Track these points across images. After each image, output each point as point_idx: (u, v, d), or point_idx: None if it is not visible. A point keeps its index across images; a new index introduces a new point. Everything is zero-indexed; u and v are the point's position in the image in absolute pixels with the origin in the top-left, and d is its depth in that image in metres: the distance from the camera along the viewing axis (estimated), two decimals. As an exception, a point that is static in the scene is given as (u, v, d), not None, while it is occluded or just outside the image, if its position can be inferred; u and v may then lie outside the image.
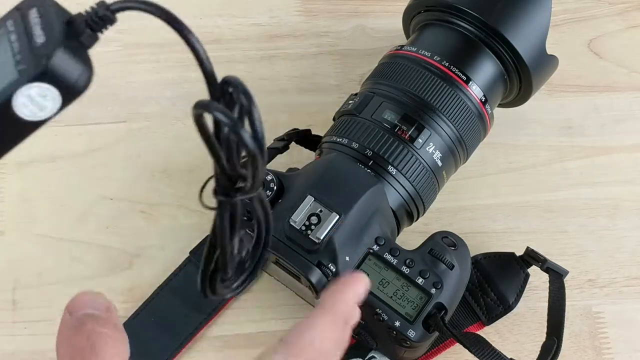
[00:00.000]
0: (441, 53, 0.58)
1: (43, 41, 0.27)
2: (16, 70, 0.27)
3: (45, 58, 0.26)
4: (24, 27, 0.27)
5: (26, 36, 0.27)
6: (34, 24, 0.27)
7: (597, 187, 0.66)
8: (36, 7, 0.28)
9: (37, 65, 0.26)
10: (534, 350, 0.55)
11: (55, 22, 0.27)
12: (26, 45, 0.27)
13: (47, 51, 0.26)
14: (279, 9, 0.72)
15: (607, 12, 0.74)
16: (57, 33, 0.27)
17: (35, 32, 0.27)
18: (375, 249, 0.52)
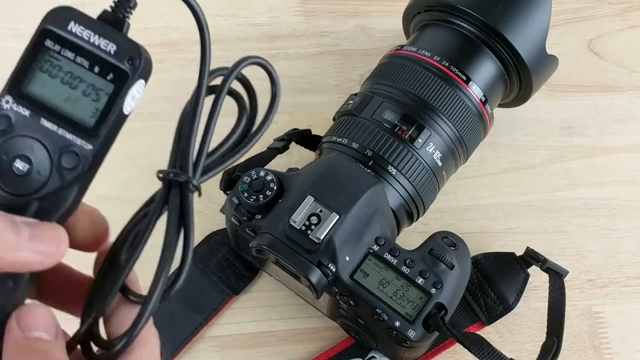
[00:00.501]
0: (441, 53, 0.58)
1: (116, 48, 0.31)
2: (106, 80, 0.31)
3: (136, 60, 0.31)
4: (78, 42, 0.31)
5: (92, 48, 0.31)
6: (89, 36, 0.31)
7: (597, 187, 0.66)
8: (73, 20, 0.31)
9: (133, 69, 0.31)
10: (534, 350, 0.55)
11: (102, 26, 0.31)
12: (100, 56, 0.31)
13: (131, 53, 0.31)
14: (279, 9, 0.72)
15: (607, 12, 0.74)
16: (119, 35, 0.31)
17: (99, 43, 0.31)
18: (375, 249, 0.52)
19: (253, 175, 0.52)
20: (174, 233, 0.32)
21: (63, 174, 0.32)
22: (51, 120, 0.31)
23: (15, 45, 0.71)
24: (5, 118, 0.31)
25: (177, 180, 0.32)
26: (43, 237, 0.31)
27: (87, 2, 0.71)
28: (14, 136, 0.31)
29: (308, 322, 0.60)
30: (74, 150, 0.31)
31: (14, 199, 0.31)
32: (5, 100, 0.31)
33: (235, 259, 0.61)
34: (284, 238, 0.50)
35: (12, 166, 0.31)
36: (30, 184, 0.32)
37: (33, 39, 0.31)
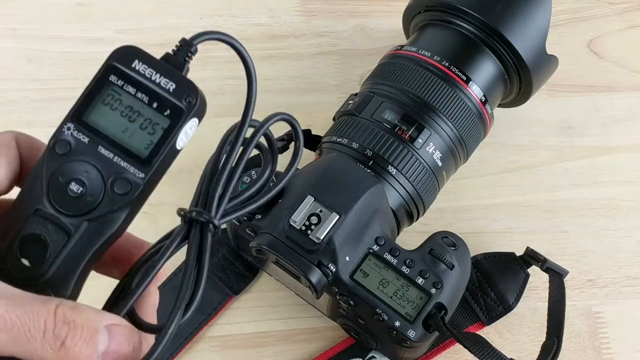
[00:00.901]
0: (441, 53, 0.58)
1: (175, 87, 0.33)
2: (162, 115, 0.33)
3: (193, 99, 0.33)
4: (140, 79, 0.33)
5: (153, 85, 0.33)
6: (151, 75, 0.34)
7: (597, 187, 0.66)
8: (137, 59, 0.34)
9: (189, 107, 0.33)
10: (534, 350, 0.55)
11: (164, 66, 0.34)
12: (160, 93, 0.33)
13: (189, 92, 0.33)
14: (279, 9, 0.72)
15: (607, 12, 0.74)
16: (179, 75, 0.34)
17: (159, 81, 0.33)
18: (375, 249, 0.52)
19: (253, 175, 0.52)
20: (191, 271, 0.33)
21: (115, 198, 0.34)
22: (108, 148, 0.33)
23: (16, 45, 0.72)
24: (65, 143, 0.34)
25: (199, 220, 0.34)
26: (120, 348, 0.32)
27: (85, 3, 0.71)
28: (72, 160, 0.33)
29: (308, 322, 0.60)
30: (126, 177, 0.33)
31: (66, 219, 0.33)
32: (67, 127, 0.33)
33: (235, 259, 0.61)
34: (284, 238, 0.50)
35: (68, 188, 0.33)
36: (82, 205, 0.33)
37: (99, 73, 0.34)
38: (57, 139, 0.34)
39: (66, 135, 0.33)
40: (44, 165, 0.33)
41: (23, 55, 0.69)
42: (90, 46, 0.70)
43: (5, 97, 0.67)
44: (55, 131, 0.34)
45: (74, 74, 0.69)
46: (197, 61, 0.35)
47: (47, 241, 0.33)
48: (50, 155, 0.33)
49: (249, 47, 0.71)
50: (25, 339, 0.30)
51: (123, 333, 0.32)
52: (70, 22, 0.71)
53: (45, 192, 0.33)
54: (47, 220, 0.33)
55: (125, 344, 0.32)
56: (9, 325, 0.29)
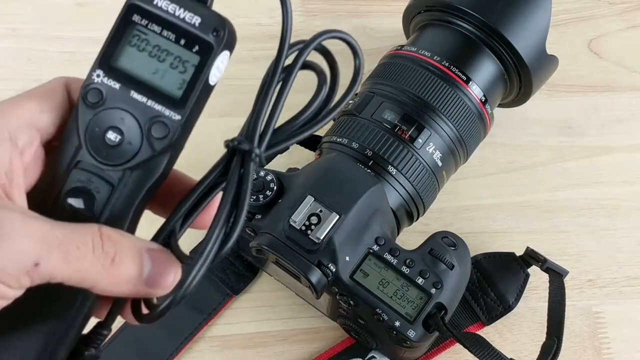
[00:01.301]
0: (441, 53, 0.58)
1: (200, 21, 0.32)
2: (191, 52, 0.32)
3: (221, 31, 0.32)
4: (164, 16, 0.32)
5: (178, 21, 0.32)
6: (174, 10, 0.32)
7: (597, 187, 0.66)
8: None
9: (218, 40, 0.32)
10: (534, 350, 0.55)
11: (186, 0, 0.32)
12: (185, 29, 0.32)
13: (216, 25, 0.32)
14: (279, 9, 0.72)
15: (607, 12, 0.74)
16: (203, 8, 0.32)
17: (184, 16, 0.32)
18: (375, 249, 0.52)
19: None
20: (228, 199, 0.32)
21: (153, 143, 0.32)
22: (140, 92, 0.32)
23: (16, 45, 0.72)
24: (96, 91, 0.32)
25: (240, 149, 0.32)
26: (162, 272, 0.32)
27: (85, 3, 0.71)
28: (106, 109, 0.32)
29: (308, 322, 0.60)
30: (163, 120, 0.32)
31: (107, 169, 0.32)
32: (96, 74, 0.32)
33: (235, 259, 0.61)
34: (284, 238, 0.50)
35: (105, 137, 0.32)
36: (122, 154, 0.32)
37: (121, 14, 0.32)
38: (87, 88, 0.33)
39: (96, 83, 0.32)
40: (78, 116, 0.32)
41: (23, 55, 0.69)
42: (90, 46, 0.69)
43: (5, 97, 0.67)
44: (85, 80, 0.33)
45: (74, 74, 0.68)
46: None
47: (93, 193, 0.33)
48: (83, 105, 0.32)
49: (248, 47, 0.72)
50: (75, 257, 0.30)
51: (163, 259, 0.32)
52: (70, 22, 0.71)
53: (84, 144, 0.32)
54: (89, 172, 0.33)
55: (167, 269, 0.32)
56: (57, 243, 0.29)
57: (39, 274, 0.29)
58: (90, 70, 0.33)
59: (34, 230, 0.29)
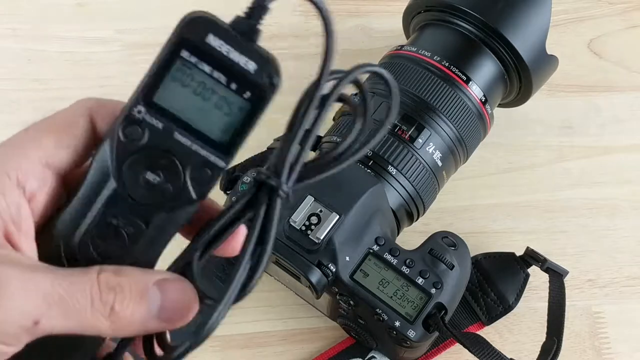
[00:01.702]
0: (441, 53, 0.58)
1: (255, 67, 0.30)
2: (242, 98, 0.30)
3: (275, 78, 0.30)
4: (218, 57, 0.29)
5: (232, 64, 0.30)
6: (228, 52, 0.30)
7: (597, 187, 0.66)
8: (212, 33, 0.30)
9: (272, 90, 0.30)
10: (534, 350, 0.55)
11: (241, 40, 0.30)
12: (239, 74, 0.30)
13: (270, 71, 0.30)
14: (279, 9, 0.71)
15: (607, 12, 0.74)
16: (258, 51, 0.30)
17: (238, 60, 0.30)
18: (375, 249, 0.52)
19: (253, 175, 0.52)
20: (254, 236, 0.31)
21: (194, 188, 0.31)
22: (185, 134, 0.30)
23: (16, 45, 0.72)
24: (138, 129, 0.30)
25: (268, 184, 0.30)
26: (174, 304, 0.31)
27: (85, 3, 0.71)
28: (147, 148, 0.30)
29: (308, 322, 0.60)
30: (206, 166, 0.31)
31: (142, 209, 0.31)
32: (137, 110, 0.30)
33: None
34: (284, 238, 0.50)
35: (143, 178, 0.31)
36: (160, 195, 0.31)
37: (169, 47, 0.30)
38: (127, 124, 0.30)
39: (138, 120, 0.30)
40: (114, 152, 0.30)
41: (23, 55, 0.69)
42: (90, 46, 0.70)
43: (5, 97, 0.67)
44: (125, 114, 0.30)
45: (74, 74, 0.69)
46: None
47: (124, 234, 0.31)
48: (120, 141, 0.30)
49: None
50: (75, 311, 0.29)
51: (175, 287, 0.31)
52: (70, 22, 0.71)
53: (119, 182, 0.30)
54: (121, 211, 0.31)
55: (181, 297, 0.31)
56: (57, 299, 0.28)
57: (40, 331, 0.29)
58: (130, 102, 0.30)
59: (34, 287, 0.28)
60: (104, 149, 0.30)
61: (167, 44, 0.30)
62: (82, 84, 0.68)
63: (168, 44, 0.30)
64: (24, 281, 0.28)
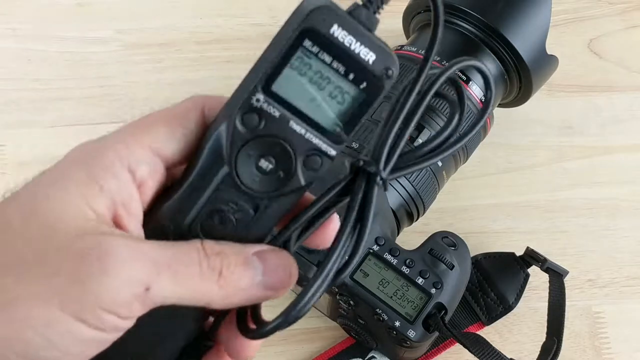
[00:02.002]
0: (441, 53, 0.58)
1: (375, 58, 0.30)
2: (358, 88, 0.30)
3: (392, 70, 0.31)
4: (340, 48, 0.30)
5: (353, 55, 0.30)
6: (351, 43, 0.30)
7: (597, 187, 0.66)
8: (336, 23, 0.29)
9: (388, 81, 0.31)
10: (534, 350, 0.55)
11: (362, 32, 0.30)
12: (359, 64, 0.30)
13: (388, 64, 0.31)
14: (279, 9, 0.72)
15: (607, 12, 0.74)
16: (377, 43, 0.30)
17: (359, 51, 0.30)
18: (375, 249, 0.52)
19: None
20: (349, 227, 0.30)
21: (304, 175, 0.31)
22: (300, 123, 0.30)
23: (16, 45, 0.72)
24: (256, 117, 0.30)
25: (365, 170, 0.31)
26: (276, 271, 0.31)
27: (85, 3, 0.71)
28: (263, 135, 0.30)
29: (308, 322, 0.60)
30: (318, 154, 0.31)
31: (254, 195, 0.31)
32: (256, 99, 0.30)
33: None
34: (284, 238, 0.50)
35: (257, 164, 0.31)
36: (271, 182, 0.31)
37: (292, 37, 0.30)
38: (245, 110, 0.30)
39: (256, 108, 0.30)
40: (229, 139, 0.30)
41: (23, 55, 0.69)
42: (90, 46, 0.70)
43: (5, 97, 0.67)
44: (241, 101, 0.30)
45: (74, 74, 0.69)
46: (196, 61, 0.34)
47: (233, 219, 0.31)
48: (236, 129, 0.30)
49: (248, 47, 0.72)
50: (184, 276, 0.29)
51: (275, 256, 0.31)
52: (70, 22, 0.71)
53: (232, 168, 0.31)
54: (232, 196, 0.31)
55: (281, 267, 0.31)
56: (166, 266, 0.29)
57: (151, 299, 0.28)
58: (248, 89, 0.30)
59: (141, 255, 0.28)
60: (218, 135, 0.30)
61: (288, 32, 0.30)
62: (82, 84, 0.68)
63: (289, 32, 0.30)
64: (133, 250, 0.28)
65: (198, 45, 0.69)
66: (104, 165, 0.30)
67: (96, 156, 0.30)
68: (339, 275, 0.31)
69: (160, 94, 0.67)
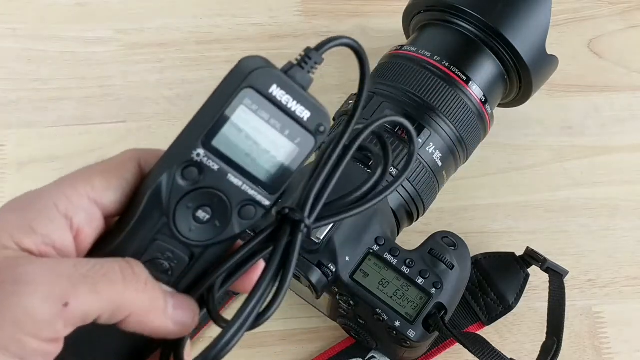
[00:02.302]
0: (441, 53, 0.58)
1: (310, 115, 0.32)
2: (292, 143, 0.32)
3: (324, 126, 0.32)
4: (277, 106, 0.31)
5: (289, 113, 0.31)
6: (287, 102, 0.31)
7: (597, 187, 0.66)
8: (275, 84, 0.31)
9: (320, 137, 0.32)
10: (534, 350, 0.55)
11: (299, 91, 0.32)
12: (294, 122, 0.32)
13: (321, 120, 0.32)
14: (279, 9, 0.72)
15: (607, 12, 0.74)
16: (311, 101, 0.32)
17: (295, 109, 0.32)
18: (375, 249, 0.52)
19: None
20: (273, 268, 0.32)
21: (239, 224, 0.33)
22: (237, 176, 0.32)
23: (16, 45, 0.72)
24: (195, 170, 0.32)
25: (291, 218, 0.33)
26: (183, 307, 0.32)
27: (85, 3, 0.71)
28: (201, 187, 0.32)
29: (308, 322, 0.60)
30: (253, 205, 0.33)
31: (190, 244, 0.33)
32: (196, 153, 0.31)
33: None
34: (284, 238, 0.50)
35: (194, 215, 0.32)
36: (207, 232, 0.33)
37: (231, 93, 0.31)
38: (185, 164, 0.32)
39: (196, 162, 0.32)
40: (169, 190, 0.32)
41: (23, 55, 0.69)
42: (90, 46, 0.70)
43: (5, 97, 0.67)
44: (182, 154, 0.32)
45: (74, 74, 0.69)
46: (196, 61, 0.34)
47: (168, 267, 0.33)
48: (176, 181, 0.32)
49: (248, 47, 0.72)
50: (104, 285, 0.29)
51: (183, 297, 0.33)
52: (70, 22, 0.71)
53: (171, 219, 0.32)
54: (170, 246, 0.33)
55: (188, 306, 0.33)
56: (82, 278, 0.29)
57: (73, 314, 0.28)
58: (188, 142, 0.32)
59: (57, 272, 0.29)
60: (158, 186, 0.32)
61: (229, 90, 0.31)
62: (82, 84, 0.68)
63: (230, 90, 0.31)
64: (48, 268, 0.29)
65: (198, 45, 0.69)
66: (39, 209, 0.30)
67: (32, 202, 0.31)
68: (259, 319, 0.32)
69: (161, 94, 0.67)
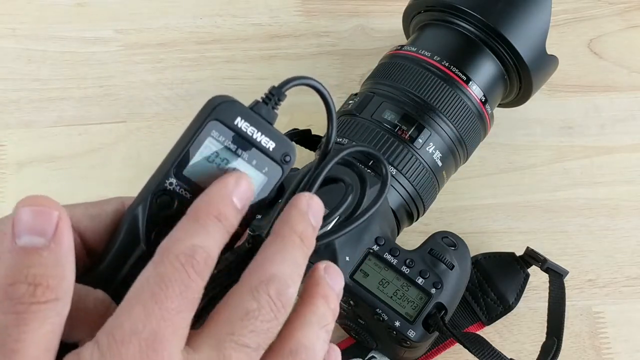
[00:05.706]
0: (441, 53, 0.58)
1: (274, 146, 0.34)
2: (260, 172, 0.34)
3: (289, 157, 0.35)
4: (243, 137, 0.33)
5: (255, 144, 0.34)
6: (252, 133, 0.33)
7: (597, 187, 0.66)
8: (240, 116, 0.33)
9: (286, 166, 0.35)
10: (534, 350, 0.55)
11: (263, 124, 0.34)
12: (260, 152, 0.34)
13: (286, 151, 0.34)
14: (279, 9, 0.72)
15: (607, 12, 0.74)
16: (276, 133, 0.34)
17: (260, 140, 0.34)
18: (375, 249, 0.52)
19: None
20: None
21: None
22: None
23: (16, 45, 0.72)
24: (168, 199, 0.33)
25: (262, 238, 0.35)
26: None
27: (85, 3, 0.71)
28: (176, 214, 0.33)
29: (308, 322, 0.60)
30: None
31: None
32: (169, 182, 0.33)
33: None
34: (283, 238, 0.50)
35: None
36: None
37: (201, 129, 0.33)
38: (159, 193, 0.33)
39: (169, 191, 0.33)
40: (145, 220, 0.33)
41: (23, 55, 0.69)
42: (90, 46, 0.70)
43: (5, 97, 0.67)
44: (156, 185, 0.33)
45: (74, 74, 0.69)
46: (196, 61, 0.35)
47: None
48: (152, 210, 0.33)
49: (249, 47, 0.72)
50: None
51: None
52: (70, 22, 0.71)
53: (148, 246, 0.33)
54: None
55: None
56: None
57: None
58: (162, 173, 0.33)
59: None
60: (134, 216, 0.33)
61: (198, 124, 0.33)
62: (82, 84, 0.68)
63: (199, 123, 0.33)
64: None
65: (198, 45, 0.69)
66: None
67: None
68: None
69: (161, 94, 0.67)
